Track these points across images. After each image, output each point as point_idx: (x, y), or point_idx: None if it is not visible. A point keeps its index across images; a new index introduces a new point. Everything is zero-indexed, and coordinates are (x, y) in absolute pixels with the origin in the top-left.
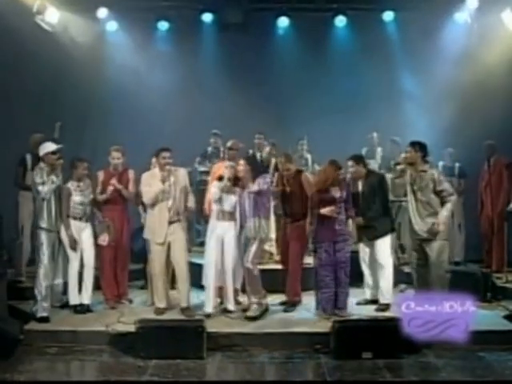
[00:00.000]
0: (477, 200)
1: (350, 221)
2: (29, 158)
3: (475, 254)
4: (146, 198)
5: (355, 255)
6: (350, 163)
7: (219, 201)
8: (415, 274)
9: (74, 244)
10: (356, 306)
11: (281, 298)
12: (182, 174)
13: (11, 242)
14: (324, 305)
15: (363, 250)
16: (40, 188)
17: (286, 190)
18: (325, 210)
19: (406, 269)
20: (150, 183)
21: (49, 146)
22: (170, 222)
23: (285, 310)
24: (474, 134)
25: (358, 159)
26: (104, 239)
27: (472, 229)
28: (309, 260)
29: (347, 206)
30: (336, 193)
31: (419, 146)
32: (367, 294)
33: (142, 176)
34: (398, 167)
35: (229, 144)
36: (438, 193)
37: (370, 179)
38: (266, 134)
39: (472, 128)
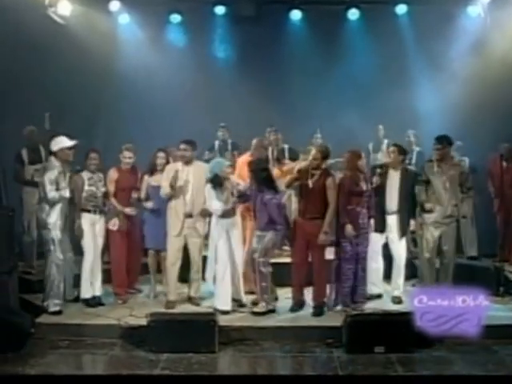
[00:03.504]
0: (489, 195)
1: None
2: (24, 152)
3: (488, 249)
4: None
5: None
6: (392, 149)
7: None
8: (428, 266)
9: (81, 233)
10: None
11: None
12: (202, 168)
13: (20, 236)
14: (345, 298)
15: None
16: (52, 194)
17: (308, 184)
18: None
19: (418, 262)
20: (169, 174)
21: (64, 141)
22: (188, 216)
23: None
24: (486, 128)
25: (402, 150)
26: (114, 223)
27: (485, 223)
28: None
29: (369, 203)
30: (363, 186)
31: (447, 141)
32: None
33: (166, 167)
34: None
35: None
36: (461, 187)
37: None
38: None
39: (483, 123)
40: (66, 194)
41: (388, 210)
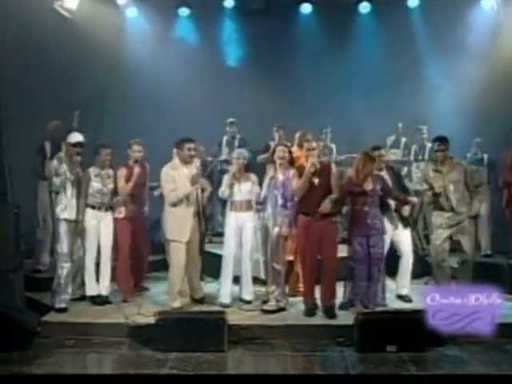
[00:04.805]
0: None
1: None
2: (48, 146)
3: (502, 246)
4: (172, 197)
5: None
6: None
7: (230, 195)
8: (442, 266)
9: (82, 231)
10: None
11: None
12: (195, 166)
13: (30, 232)
14: (361, 298)
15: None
16: (54, 179)
17: (314, 181)
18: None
19: (431, 260)
20: (174, 178)
21: (71, 137)
22: (194, 216)
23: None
24: (501, 123)
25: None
26: (120, 211)
27: (499, 220)
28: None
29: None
30: (368, 186)
31: (447, 142)
32: None
33: (163, 169)
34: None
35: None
36: (467, 185)
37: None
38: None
39: (499, 118)
40: (71, 177)
41: None
